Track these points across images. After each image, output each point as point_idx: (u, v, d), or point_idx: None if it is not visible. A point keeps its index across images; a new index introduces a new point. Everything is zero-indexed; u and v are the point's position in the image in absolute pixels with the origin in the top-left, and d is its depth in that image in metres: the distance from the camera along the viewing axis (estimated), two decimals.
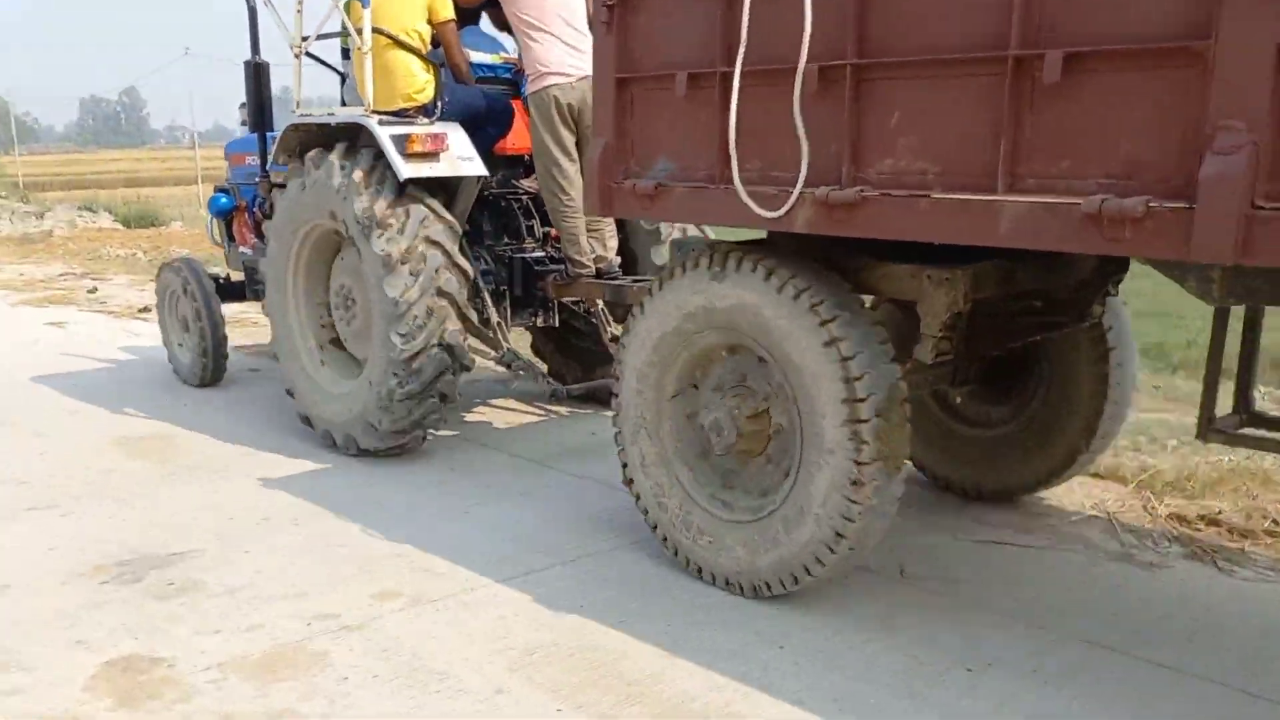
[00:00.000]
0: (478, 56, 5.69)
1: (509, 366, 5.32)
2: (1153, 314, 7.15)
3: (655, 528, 3.75)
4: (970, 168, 2.70)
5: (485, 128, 5.34)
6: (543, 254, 5.64)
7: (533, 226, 5.70)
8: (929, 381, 4.08)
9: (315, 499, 4.50)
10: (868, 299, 3.52)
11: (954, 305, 3.18)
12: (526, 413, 6.02)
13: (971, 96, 2.68)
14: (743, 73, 3.07)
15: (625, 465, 3.83)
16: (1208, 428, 3.22)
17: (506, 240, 5.68)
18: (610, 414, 3.89)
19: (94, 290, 10.88)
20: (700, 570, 3.61)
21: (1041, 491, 4.35)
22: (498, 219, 5.71)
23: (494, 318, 5.29)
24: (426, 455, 5.15)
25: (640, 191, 3.44)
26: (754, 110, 3.10)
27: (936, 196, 2.77)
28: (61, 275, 12.18)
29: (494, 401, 6.27)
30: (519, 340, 6.75)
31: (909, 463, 4.15)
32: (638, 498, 3.79)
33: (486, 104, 5.34)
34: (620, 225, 5.46)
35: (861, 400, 3.05)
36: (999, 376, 4.23)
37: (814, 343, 3.11)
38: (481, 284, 5.29)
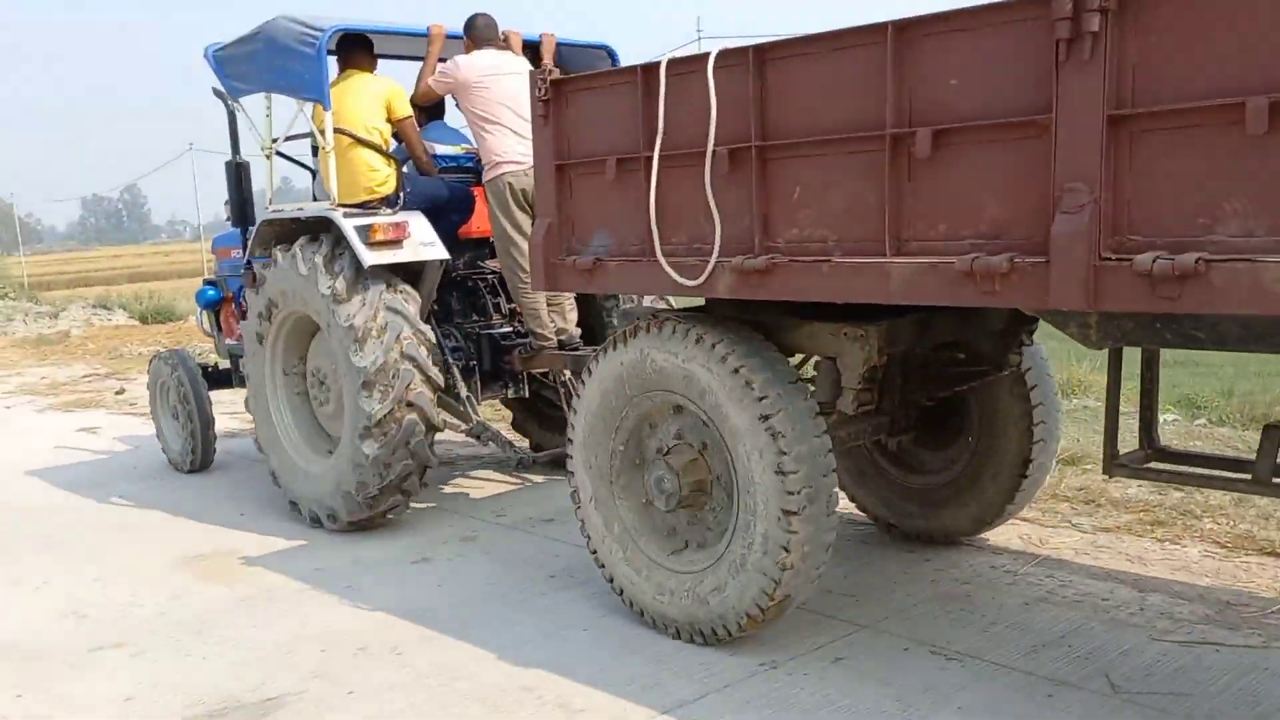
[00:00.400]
0: (442, 149, 6.04)
1: (478, 438, 5.56)
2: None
3: (611, 581, 3.96)
4: (862, 234, 3.00)
5: (449, 215, 5.67)
6: (509, 329, 5.92)
7: (499, 304, 5.99)
8: (869, 431, 4.33)
9: (408, 617, 4.10)
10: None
11: (869, 359, 3.44)
12: (506, 481, 6.23)
13: (858, 171, 2.98)
14: (661, 157, 3.38)
15: (585, 531, 4.04)
16: (1112, 463, 3.46)
17: (475, 317, 5.97)
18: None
19: (121, 391, 10.53)
20: (654, 621, 3.81)
21: (982, 534, 4.56)
22: (466, 298, 6.01)
23: (463, 391, 5.55)
24: (483, 549, 5.00)
25: (580, 267, 3.74)
26: (674, 190, 3.41)
27: (836, 261, 3.06)
28: (85, 377, 11.87)
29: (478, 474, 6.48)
30: (500, 419, 7.04)
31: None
32: (600, 565, 4.00)
33: (448, 192, 5.67)
34: (581, 299, 5.76)
35: (786, 453, 3.29)
36: (935, 426, 4.47)
37: (741, 399, 3.37)
38: (450, 360, 5.57)
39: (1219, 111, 2.34)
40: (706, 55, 3.24)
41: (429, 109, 6.14)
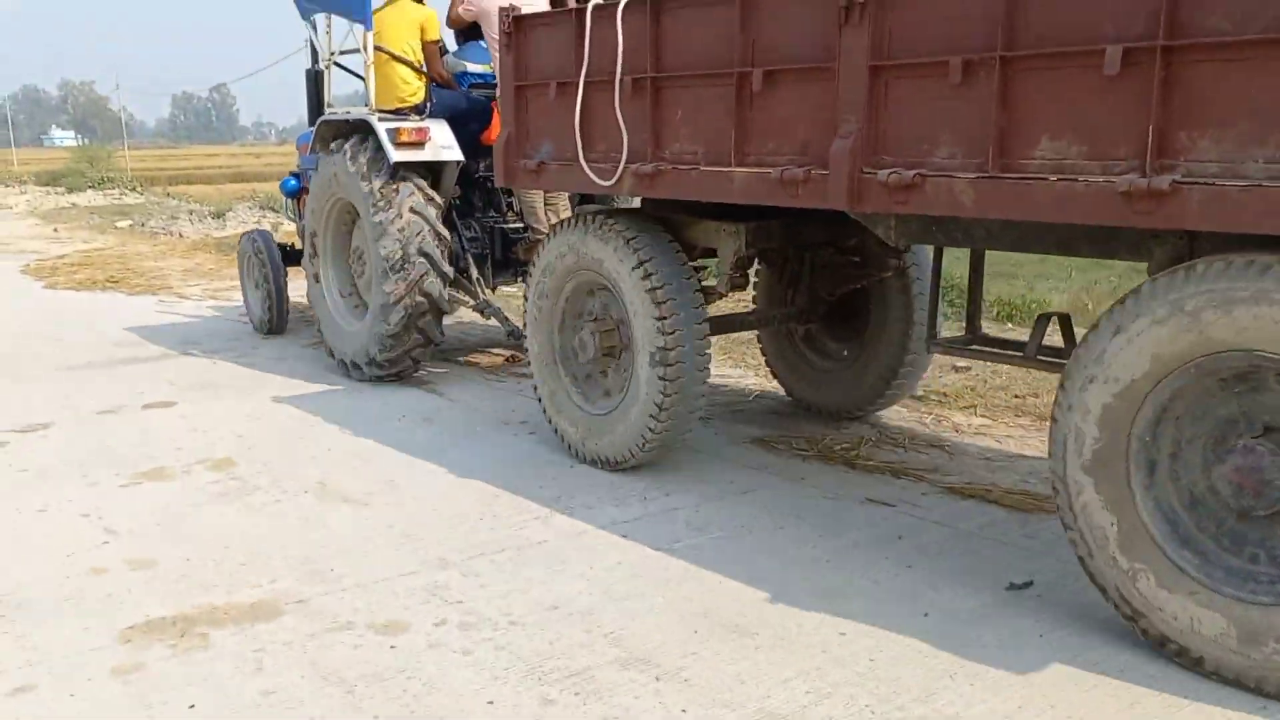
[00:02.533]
0: (473, 67, 7.00)
1: (482, 312, 6.64)
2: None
3: (550, 421, 5.02)
4: (719, 148, 3.90)
5: (470, 124, 6.66)
6: (520, 225, 6.93)
7: (512, 203, 7.00)
8: (783, 318, 5.28)
9: (401, 449, 5.38)
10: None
11: (739, 250, 4.36)
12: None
13: (716, 100, 3.87)
14: (585, 83, 4.31)
15: (535, 388, 5.08)
16: (931, 342, 4.34)
17: (491, 213, 7.00)
18: None
19: None
20: (577, 453, 4.85)
21: (872, 410, 5.44)
22: (485, 196, 7.04)
23: (474, 274, 6.62)
24: (467, 405, 5.92)
25: (529, 169, 4.72)
26: (595, 109, 4.34)
27: (701, 169, 3.97)
28: None
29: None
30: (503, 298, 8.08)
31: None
32: (539, 400, 5.06)
33: (468, 105, 6.65)
34: (574, 199, 6.73)
35: (666, 318, 4.25)
36: (838, 318, 5.36)
37: (637, 282, 4.32)
38: (466, 247, 6.63)
39: (934, 66, 3.17)
40: (619, 3, 4.13)
41: (467, 31, 7.10)
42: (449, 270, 6.24)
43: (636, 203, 5.07)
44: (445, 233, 6.24)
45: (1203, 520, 2.91)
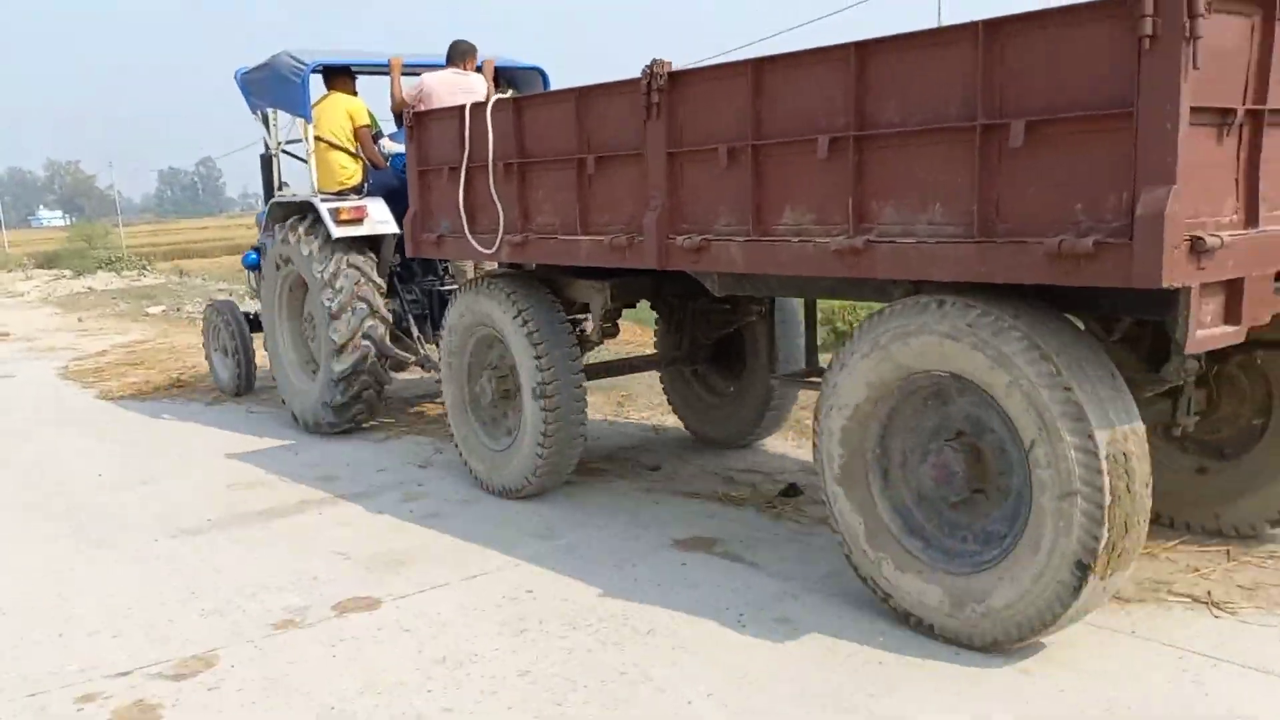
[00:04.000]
0: (401, 148, 7.83)
1: (423, 366, 7.39)
2: None
3: (464, 461, 5.73)
4: (569, 221, 4.67)
5: (404, 201, 7.46)
6: (455, 287, 7.70)
7: (448, 267, 7.79)
8: (672, 360, 6.02)
9: (336, 484, 6.45)
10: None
11: (605, 304, 5.10)
12: None
13: (566, 181, 4.64)
14: (467, 167, 5.10)
15: (449, 428, 5.81)
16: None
17: (430, 277, 7.79)
18: None
19: None
20: (486, 486, 5.55)
21: (753, 439, 6.12)
22: (423, 263, 7.81)
23: (415, 332, 7.39)
24: (395, 444, 7.05)
25: (431, 240, 5.51)
26: (478, 189, 5.12)
27: (558, 238, 4.74)
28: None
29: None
30: None
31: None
32: (456, 447, 5.78)
33: (399, 183, 7.45)
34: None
35: (541, 357, 4.98)
36: (723, 358, 6.08)
37: (519, 334, 5.06)
38: (407, 308, 7.41)
39: (709, 153, 3.93)
40: (486, 103, 4.92)
41: (400, 115, 7.94)
42: (388, 316, 6.99)
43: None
44: (381, 283, 6.99)
45: (927, 513, 3.59)
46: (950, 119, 3.15)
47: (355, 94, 7.41)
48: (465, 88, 6.82)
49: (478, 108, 5.02)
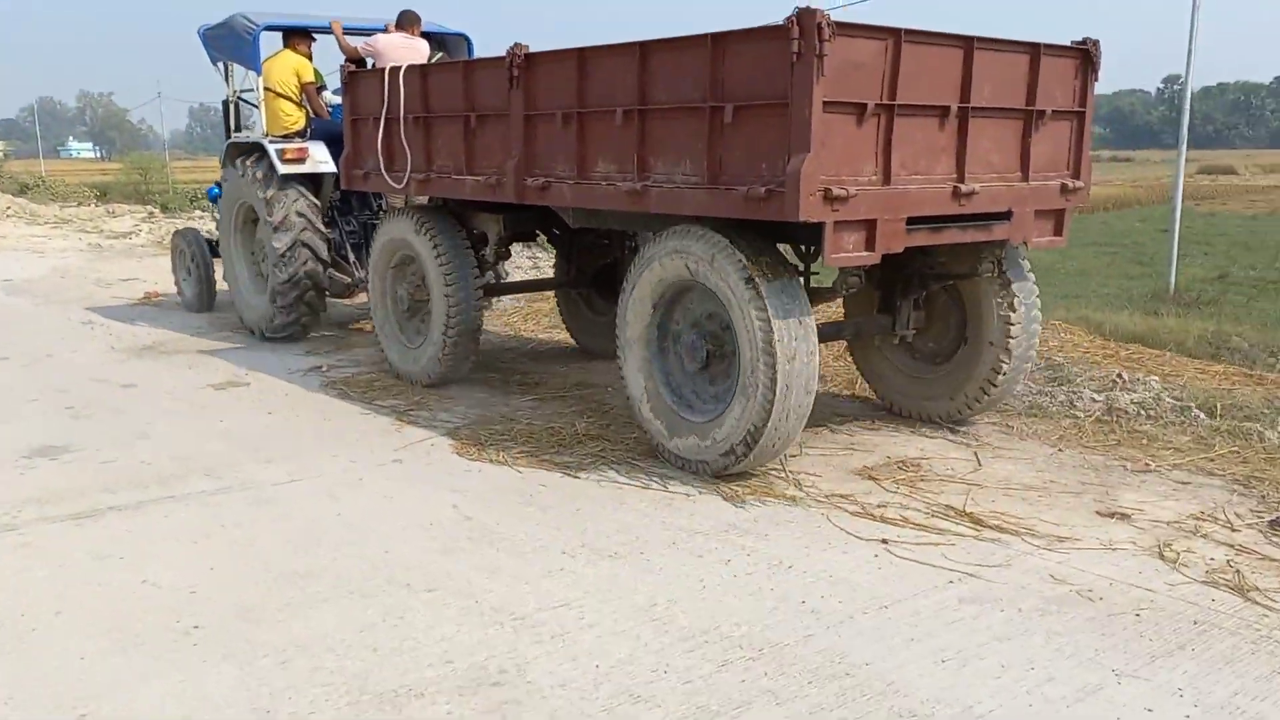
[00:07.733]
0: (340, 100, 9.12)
1: (358, 286, 8.75)
2: None
3: (383, 350, 7.12)
4: (459, 164, 6.04)
5: (342, 145, 8.76)
6: None
7: (382, 202, 9.12)
8: (562, 284, 7.43)
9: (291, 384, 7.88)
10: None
11: (499, 233, 6.48)
12: None
13: (457, 132, 6.00)
14: (386, 118, 6.45)
15: (375, 325, 7.20)
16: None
17: (366, 212, 9.12)
18: None
19: None
20: (398, 374, 6.95)
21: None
22: (360, 198, 9.12)
23: (351, 258, 8.74)
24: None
25: (359, 176, 6.87)
26: (394, 137, 6.47)
27: (452, 177, 6.11)
28: None
29: None
30: None
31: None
32: (378, 337, 7.17)
33: (339, 129, 8.76)
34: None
35: (449, 281, 6.36)
36: (606, 284, 7.46)
37: (430, 252, 6.44)
38: (345, 239, 8.76)
39: (552, 117, 5.30)
40: (400, 68, 6.26)
41: (357, 64, 9.19)
42: (326, 257, 8.33)
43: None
44: (324, 229, 8.33)
45: (684, 379, 5.06)
46: (694, 100, 4.54)
47: (309, 54, 8.66)
48: (413, 49, 8.09)
49: (394, 71, 6.36)
